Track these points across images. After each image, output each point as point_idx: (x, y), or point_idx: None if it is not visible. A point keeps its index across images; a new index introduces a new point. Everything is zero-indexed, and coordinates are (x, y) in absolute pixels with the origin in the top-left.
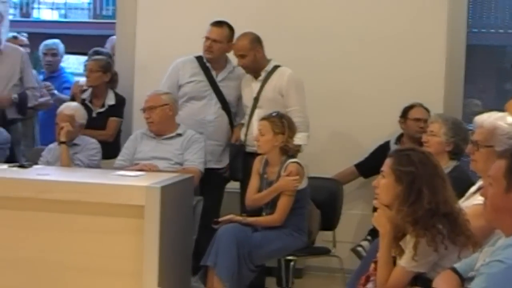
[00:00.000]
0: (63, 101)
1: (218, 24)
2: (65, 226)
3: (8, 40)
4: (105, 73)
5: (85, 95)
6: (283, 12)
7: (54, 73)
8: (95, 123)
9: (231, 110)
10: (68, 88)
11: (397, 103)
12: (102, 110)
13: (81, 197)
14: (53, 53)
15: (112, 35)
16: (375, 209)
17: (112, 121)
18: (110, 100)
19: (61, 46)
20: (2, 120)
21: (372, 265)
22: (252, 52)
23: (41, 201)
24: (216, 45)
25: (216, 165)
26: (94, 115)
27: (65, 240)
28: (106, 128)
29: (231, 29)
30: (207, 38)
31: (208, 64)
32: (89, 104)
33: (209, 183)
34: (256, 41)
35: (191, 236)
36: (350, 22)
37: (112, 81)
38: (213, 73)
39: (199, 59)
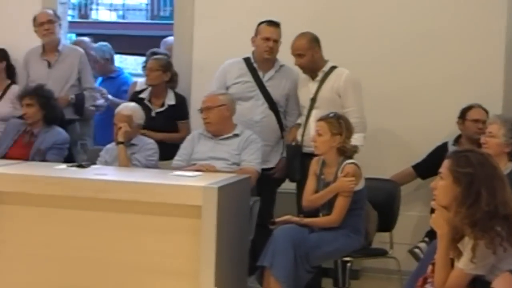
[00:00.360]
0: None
1: (275, 24)
2: (122, 226)
3: (75, 42)
4: (165, 72)
5: (144, 95)
6: (339, 12)
7: (111, 74)
8: (154, 123)
9: (279, 110)
10: (126, 90)
11: (455, 103)
12: (161, 109)
13: (138, 197)
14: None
15: (170, 35)
16: (432, 211)
17: (183, 123)
18: (170, 100)
19: (104, 49)
20: (60, 120)
21: (430, 267)
22: (310, 52)
23: (99, 200)
24: (276, 46)
25: (264, 165)
26: (153, 114)
27: (122, 240)
28: (174, 130)
29: None
30: (268, 39)
31: (255, 65)
32: (148, 104)
33: (259, 184)
34: (314, 41)
35: (247, 236)
36: (407, 21)
37: (172, 81)
38: (260, 73)
39: (246, 60)
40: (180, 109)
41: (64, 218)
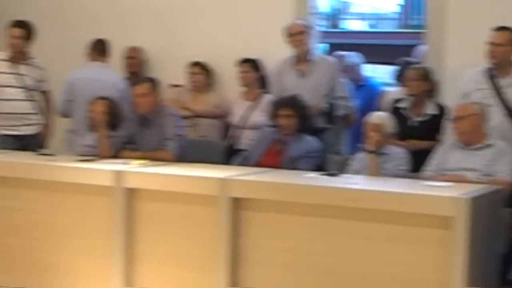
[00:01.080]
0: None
1: (501, 28)
2: (369, 235)
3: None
4: (424, 82)
5: (403, 104)
6: None
7: (360, 82)
8: (413, 132)
9: None
10: (373, 98)
11: None
12: (422, 119)
13: (387, 207)
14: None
15: (419, 44)
16: None
17: (441, 134)
18: (430, 109)
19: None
20: (311, 129)
21: None
22: None
23: (349, 209)
24: (498, 49)
25: None
26: (414, 124)
27: (368, 249)
28: (432, 139)
29: None
30: (491, 44)
31: (494, 72)
32: (406, 113)
33: None
34: None
35: (498, 249)
36: None
37: (432, 90)
38: (497, 79)
39: (488, 67)
40: (443, 120)
41: (313, 225)
